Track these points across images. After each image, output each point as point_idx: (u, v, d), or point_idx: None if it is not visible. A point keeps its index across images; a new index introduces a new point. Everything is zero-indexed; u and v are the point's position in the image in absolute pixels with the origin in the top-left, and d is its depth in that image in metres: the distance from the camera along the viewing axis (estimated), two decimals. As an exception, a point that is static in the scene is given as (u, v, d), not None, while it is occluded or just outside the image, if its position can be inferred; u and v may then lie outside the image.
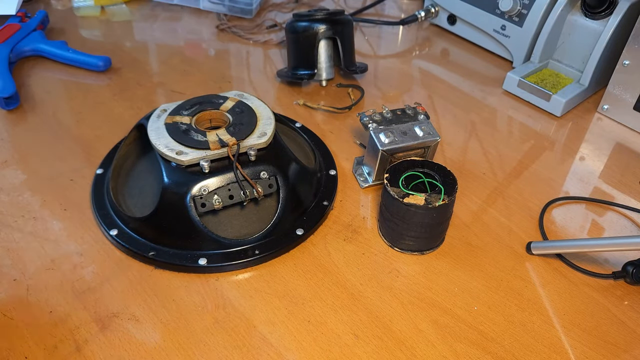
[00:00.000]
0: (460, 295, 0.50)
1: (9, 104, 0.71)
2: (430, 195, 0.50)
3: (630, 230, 0.58)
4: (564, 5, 0.76)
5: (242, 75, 0.81)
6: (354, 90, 0.78)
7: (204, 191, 0.51)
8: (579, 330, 0.48)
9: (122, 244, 0.52)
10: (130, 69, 0.81)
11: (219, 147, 0.53)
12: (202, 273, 0.51)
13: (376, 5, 1.02)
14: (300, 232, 0.54)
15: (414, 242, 0.52)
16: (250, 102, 0.60)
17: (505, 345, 0.46)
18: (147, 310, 0.48)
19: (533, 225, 0.58)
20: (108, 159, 0.62)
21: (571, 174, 0.65)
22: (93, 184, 0.59)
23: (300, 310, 0.48)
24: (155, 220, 0.52)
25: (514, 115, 0.75)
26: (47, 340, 0.45)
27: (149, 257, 0.51)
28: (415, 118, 0.60)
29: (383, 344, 0.46)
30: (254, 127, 0.56)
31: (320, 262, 0.53)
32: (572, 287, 0.51)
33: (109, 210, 0.55)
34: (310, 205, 0.57)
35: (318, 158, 0.62)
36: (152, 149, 0.55)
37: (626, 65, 0.70)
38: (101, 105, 0.73)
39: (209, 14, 0.97)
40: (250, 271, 0.51)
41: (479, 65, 0.87)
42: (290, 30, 0.75)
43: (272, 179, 0.54)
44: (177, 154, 0.52)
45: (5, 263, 0.51)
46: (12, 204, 0.57)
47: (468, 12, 0.88)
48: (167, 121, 0.56)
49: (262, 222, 0.54)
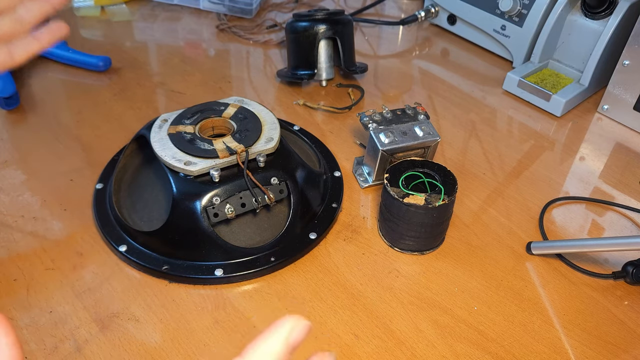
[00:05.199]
0: (460, 295, 0.50)
1: (9, 104, 0.71)
2: (430, 195, 0.50)
3: (630, 230, 0.58)
4: (564, 5, 0.76)
5: (242, 75, 0.81)
6: (354, 90, 0.78)
7: (215, 201, 0.50)
8: (579, 330, 0.48)
9: (132, 259, 0.51)
10: (130, 69, 0.81)
11: (227, 155, 0.52)
12: (219, 284, 0.50)
13: (376, 5, 1.02)
14: (314, 236, 0.54)
15: (414, 242, 0.52)
16: (252, 107, 0.59)
17: (505, 345, 0.46)
18: (147, 310, 0.48)
19: (533, 225, 0.58)
20: (106, 173, 0.60)
21: (571, 174, 0.65)
22: (94, 200, 0.57)
23: (300, 310, 0.48)
24: (167, 234, 0.51)
25: (514, 115, 0.75)
26: (47, 340, 0.45)
27: (162, 272, 0.50)
28: (415, 118, 0.60)
29: (383, 344, 0.46)
30: (260, 132, 0.55)
31: (321, 263, 0.53)
32: (572, 287, 0.51)
33: (115, 226, 0.54)
34: (320, 208, 0.57)
35: (322, 160, 0.62)
36: (154, 161, 0.54)
37: (626, 65, 0.70)
38: (101, 105, 0.73)
39: (209, 14, 0.97)
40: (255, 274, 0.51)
41: (479, 65, 0.87)
42: (290, 30, 0.75)
43: (283, 184, 0.53)
44: (186, 165, 0.51)
45: (5, 263, 0.51)
46: (12, 204, 0.57)
47: (468, 12, 0.88)
48: (170, 131, 0.55)
49: (275, 229, 0.53)
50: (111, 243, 0.52)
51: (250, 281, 0.51)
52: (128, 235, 0.53)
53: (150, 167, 0.57)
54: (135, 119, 0.70)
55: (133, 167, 0.59)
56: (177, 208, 0.50)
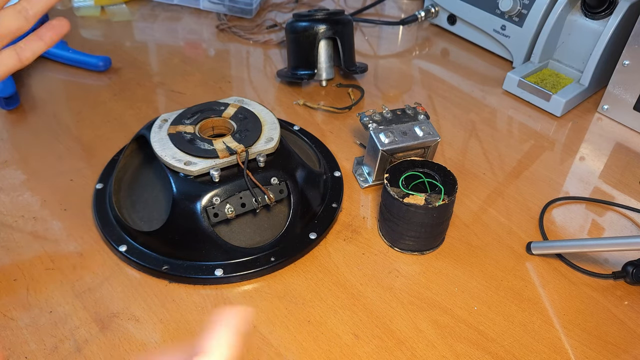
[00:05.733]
0: (460, 295, 0.50)
1: (9, 104, 0.71)
2: (430, 195, 0.50)
3: (630, 230, 0.58)
4: (564, 5, 0.76)
5: (242, 76, 0.81)
6: (354, 90, 0.78)
7: (215, 201, 0.50)
8: (579, 330, 0.48)
9: (132, 259, 0.51)
10: (130, 69, 0.81)
11: (227, 155, 0.52)
12: (219, 284, 0.50)
13: (376, 5, 1.02)
14: (314, 236, 0.54)
15: (414, 242, 0.52)
16: (252, 107, 0.59)
17: (505, 345, 0.46)
18: (147, 310, 0.48)
19: (533, 225, 0.58)
20: (106, 173, 0.60)
21: (571, 174, 0.65)
22: (94, 200, 0.57)
23: (300, 310, 0.48)
24: (167, 234, 0.51)
25: (514, 115, 0.75)
26: (47, 340, 0.45)
27: (162, 272, 0.50)
28: (415, 118, 0.60)
29: (383, 344, 0.46)
30: (260, 132, 0.55)
31: (321, 262, 0.53)
32: (572, 287, 0.51)
33: (115, 226, 0.54)
34: (320, 208, 0.57)
35: (322, 160, 0.62)
36: (153, 161, 0.53)
37: (626, 65, 0.70)
38: (101, 105, 0.73)
39: (209, 14, 0.97)
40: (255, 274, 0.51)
41: (479, 65, 0.87)
42: (290, 30, 0.75)
43: (283, 184, 0.53)
44: (186, 165, 0.51)
45: (5, 263, 0.51)
46: (12, 204, 0.57)
47: (468, 12, 0.88)
48: (170, 131, 0.55)
49: (274, 229, 0.53)
50: (111, 243, 0.52)
51: (250, 281, 0.51)
52: (128, 235, 0.53)
53: (150, 167, 0.57)
54: (135, 119, 0.70)
55: (133, 167, 0.59)
56: (177, 208, 0.50)
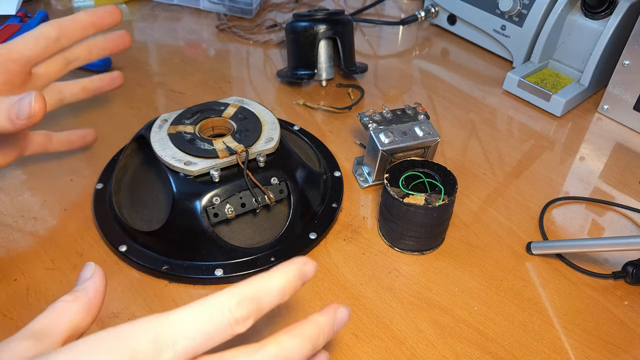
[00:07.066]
0: (460, 295, 0.50)
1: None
2: (430, 195, 0.50)
3: (630, 230, 0.58)
4: (564, 5, 0.76)
5: (242, 76, 0.81)
6: (354, 90, 0.78)
7: (215, 201, 0.50)
8: (579, 330, 0.48)
9: (132, 259, 0.51)
10: (130, 69, 0.81)
11: (227, 154, 0.52)
12: (219, 284, 0.50)
13: (376, 5, 1.02)
14: (314, 236, 0.54)
15: (414, 242, 0.52)
16: (252, 107, 0.59)
17: (505, 345, 0.46)
18: (148, 311, 0.48)
19: (533, 225, 0.58)
20: (106, 173, 0.60)
21: (571, 174, 0.65)
22: (94, 200, 0.57)
23: (300, 310, 0.48)
24: (167, 234, 0.51)
25: (514, 115, 0.75)
26: (47, 340, 0.45)
27: (162, 272, 0.50)
28: (415, 118, 0.60)
29: (383, 344, 0.46)
30: (260, 132, 0.55)
31: (320, 262, 0.53)
32: (572, 287, 0.51)
33: (115, 226, 0.54)
34: (320, 208, 0.57)
35: (322, 160, 0.62)
36: (154, 161, 0.53)
37: (626, 65, 0.70)
38: (101, 105, 0.73)
39: (209, 14, 0.97)
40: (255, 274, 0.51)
41: (479, 65, 0.87)
42: (290, 30, 0.75)
43: (283, 184, 0.53)
44: (186, 165, 0.51)
45: (5, 263, 0.51)
46: (12, 204, 0.57)
47: (468, 12, 0.88)
48: (170, 131, 0.55)
49: (274, 229, 0.53)
50: (111, 243, 0.52)
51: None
52: (128, 235, 0.53)
53: (150, 167, 0.57)
54: (135, 119, 0.70)
55: (133, 167, 0.59)
56: (177, 208, 0.50)
